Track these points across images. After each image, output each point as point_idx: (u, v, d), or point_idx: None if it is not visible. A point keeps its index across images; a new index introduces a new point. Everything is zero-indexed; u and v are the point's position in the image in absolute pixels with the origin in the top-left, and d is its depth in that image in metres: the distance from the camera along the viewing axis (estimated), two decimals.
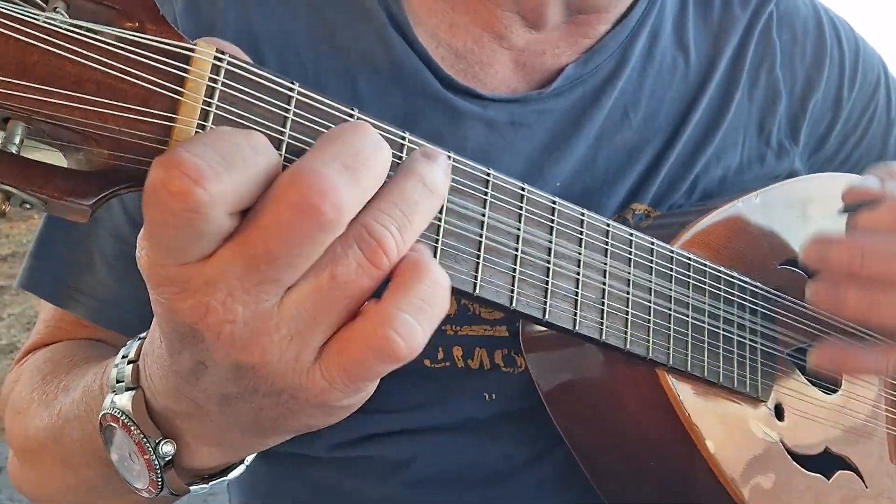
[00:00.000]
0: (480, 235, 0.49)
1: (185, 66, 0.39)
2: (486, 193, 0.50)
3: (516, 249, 0.51)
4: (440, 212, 0.48)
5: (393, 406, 0.76)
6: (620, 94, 0.79)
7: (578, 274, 0.55)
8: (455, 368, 0.74)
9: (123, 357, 0.54)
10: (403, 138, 0.47)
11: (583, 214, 0.56)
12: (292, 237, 0.38)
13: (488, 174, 0.50)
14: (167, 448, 0.50)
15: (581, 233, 0.55)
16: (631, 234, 0.59)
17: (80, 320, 0.76)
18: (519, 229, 0.52)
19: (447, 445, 0.76)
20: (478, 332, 0.74)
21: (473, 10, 0.76)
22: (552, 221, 0.54)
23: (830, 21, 0.93)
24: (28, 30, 0.36)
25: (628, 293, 0.58)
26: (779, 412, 0.71)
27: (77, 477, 0.65)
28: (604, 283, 0.56)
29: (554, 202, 0.54)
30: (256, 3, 0.74)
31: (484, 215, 0.50)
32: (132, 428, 0.50)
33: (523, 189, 0.52)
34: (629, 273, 0.58)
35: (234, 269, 0.39)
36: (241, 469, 0.55)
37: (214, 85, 0.40)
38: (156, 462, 0.50)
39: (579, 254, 0.55)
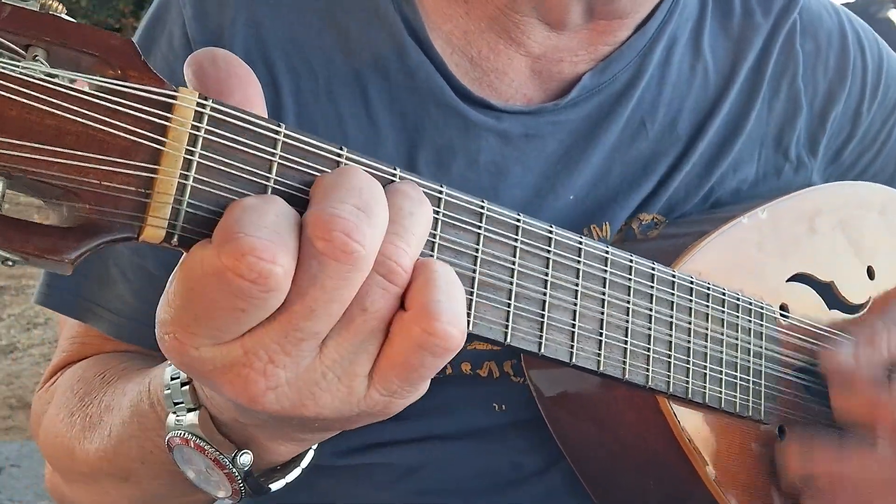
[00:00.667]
0: (474, 271, 0.49)
1: (167, 115, 0.39)
2: (479, 227, 0.49)
3: (511, 283, 0.50)
4: (433, 249, 0.47)
5: (400, 414, 0.75)
6: (637, 104, 0.77)
7: (575, 305, 0.54)
8: (462, 377, 0.74)
9: (174, 378, 0.54)
10: (394, 175, 0.46)
11: (580, 243, 0.55)
12: (327, 285, 0.39)
13: (482, 207, 0.50)
14: (245, 458, 0.52)
15: (578, 262, 0.54)
16: (630, 261, 0.58)
17: (104, 334, 0.76)
18: (514, 262, 0.51)
19: (456, 453, 0.76)
20: (486, 346, 0.73)
21: (490, 16, 0.74)
22: (548, 252, 0.53)
23: (854, 31, 0.89)
24: (6, 83, 0.35)
25: (627, 321, 0.57)
26: (782, 433, 0.70)
27: (141, 489, 0.67)
28: (602, 313, 0.55)
29: (550, 232, 0.53)
30: (267, 8, 0.73)
31: (477, 250, 0.49)
32: (205, 447, 0.52)
33: (518, 220, 0.51)
34: (628, 301, 0.57)
35: (272, 334, 0.40)
36: (310, 455, 0.56)
37: (197, 133, 0.39)
38: (236, 473, 0.52)
39: (576, 284, 0.54)
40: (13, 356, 4.10)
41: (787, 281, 0.74)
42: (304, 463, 0.56)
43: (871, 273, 0.82)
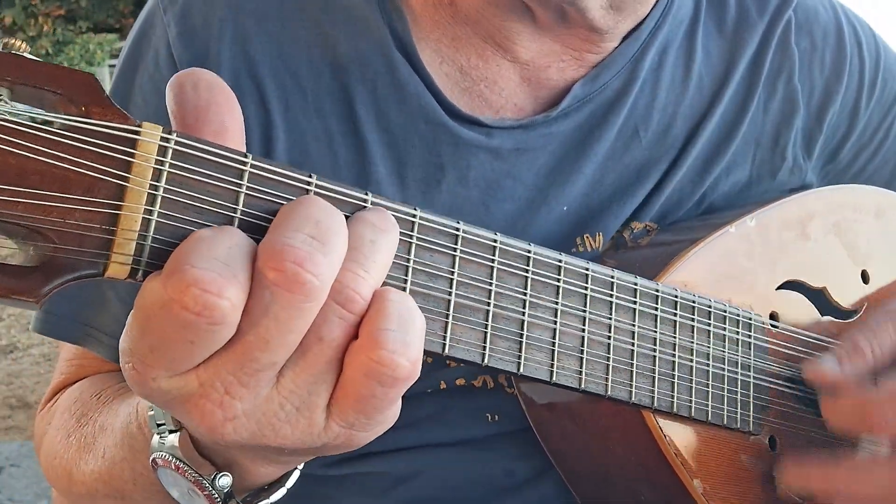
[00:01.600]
0: (449, 293, 0.49)
1: (130, 150, 0.39)
2: (455, 249, 0.49)
3: (488, 304, 0.50)
4: (406, 273, 0.47)
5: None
6: (630, 111, 0.76)
7: (555, 323, 0.54)
8: (456, 388, 0.74)
9: None
10: (365, 201, 0.46)
11: (560, 260, 0.54)
12: (280, 316, 0.38)
13: (458, 229, 0.49)
14: (224, 481, 0.52)
15: (558, 280, 0.54)
16: (612, 277, 0.57)
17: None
18: (491, 283, 0.50)
19: (448, 462, 0.76)
20: None
21: (475, 20, 0.73)
22: (527, 272, 0.52)
23: (851, 26, 0.88)
24: None
25: (609, 338, 0.57)
26: (773, 443, 0.70)
27: None
28: (583, 331, 0.55)
29: (529, 251, 0.53)
30: (253, 21, 0.72)
31: (453, 273, 0.49)
32: (185, 469, 0.52)
33: (496, 241, 0.51)
34: (610, 318, 0.57)
35: (227, 365, 0.40)
36: (296, 475, 0.56)
37: (161, 167, 0.39)
38: (216, 495, 0.52)
39: (556, 303, 0.54)
40: (13, 356, 4.14)
41: (778, 289, 0.73)
42: (290, 483, 0.56)
43: (865, 277, 0.81)
